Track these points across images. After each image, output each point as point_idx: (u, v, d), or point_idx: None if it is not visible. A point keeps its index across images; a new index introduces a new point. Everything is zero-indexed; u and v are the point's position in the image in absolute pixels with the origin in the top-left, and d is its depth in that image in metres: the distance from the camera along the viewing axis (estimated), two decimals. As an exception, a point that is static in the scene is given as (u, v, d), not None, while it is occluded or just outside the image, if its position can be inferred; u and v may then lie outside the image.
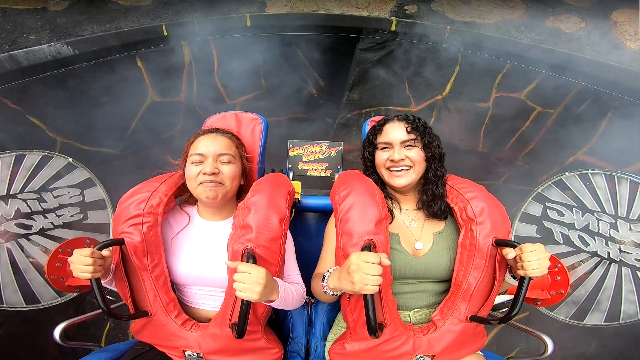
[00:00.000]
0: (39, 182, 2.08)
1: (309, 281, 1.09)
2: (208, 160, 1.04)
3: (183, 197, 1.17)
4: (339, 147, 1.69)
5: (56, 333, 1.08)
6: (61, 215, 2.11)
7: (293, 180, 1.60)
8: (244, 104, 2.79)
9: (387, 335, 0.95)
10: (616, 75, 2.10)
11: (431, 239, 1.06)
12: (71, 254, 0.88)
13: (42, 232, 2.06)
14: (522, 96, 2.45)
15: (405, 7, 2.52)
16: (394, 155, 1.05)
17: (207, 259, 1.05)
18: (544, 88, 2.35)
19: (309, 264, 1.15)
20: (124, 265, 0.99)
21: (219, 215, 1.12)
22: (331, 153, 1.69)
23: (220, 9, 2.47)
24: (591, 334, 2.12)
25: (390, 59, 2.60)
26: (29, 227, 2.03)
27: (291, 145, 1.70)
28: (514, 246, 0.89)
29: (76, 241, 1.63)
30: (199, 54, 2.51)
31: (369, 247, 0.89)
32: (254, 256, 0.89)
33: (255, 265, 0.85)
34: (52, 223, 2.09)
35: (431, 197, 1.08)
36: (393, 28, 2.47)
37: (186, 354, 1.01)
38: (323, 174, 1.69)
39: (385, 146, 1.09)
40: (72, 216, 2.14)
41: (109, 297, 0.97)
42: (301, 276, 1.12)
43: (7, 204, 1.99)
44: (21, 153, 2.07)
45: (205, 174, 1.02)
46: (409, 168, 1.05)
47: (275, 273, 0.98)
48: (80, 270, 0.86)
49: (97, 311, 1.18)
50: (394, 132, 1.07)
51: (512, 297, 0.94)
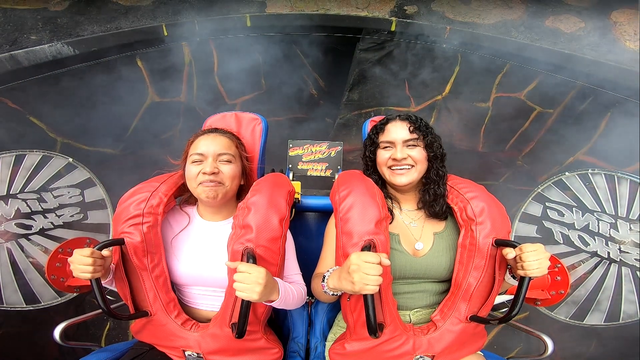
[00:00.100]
0: (39, 182, 2.08)
1: (309, 281, 1.09)
2: (208, 160, 1.04)
3: (183, 197, 1.17)
4: (339, 147, 1.69)
5: (56, 333, 1.08)
6: (61, 215, 2.11)
7: (293, 180, 1.60)
8: (244, 104, 2.78)
9: (387, 335, 0.95)
10: (616, 75, 2.10)
11: (431, 239, 1.06)
12: (71, 254, 0.88)
13: (42, 232, 2.06)
14: (522, 96, 2.45)
15: (405, 7, 2.52)
16: (397, 154, 1.05)
17: (207, 259, 1.05)
18: (543, 88, 2.35)
19: (309, 264, 1.15)
20: (124, 265, 0.99)
21: (219, 215, 1.12)
22: (331, 153, 1.69)
23: (220, 9, 2.47)
24: (591, 334, 2.12)
25: (390, 59, 2.60)
26: (29, 227, 2.03)
27: (291, 145, 1.70)
28: (514, 246, 0.89)
29: (76, 241, 1.63)
30: (199, 54, 2.51)
31: (369, 247, 0.89)
32: (254, 256, 0.89)
33: (255, 265, 0.85)
34: (52, 223, 2.09)
35: (433, 196, 1.08)
36: (393, 28, 2.47)
37: (186, 354, 1.01)
38: (323, 174, 1.69)
39: (387, 145, 1.09)
40: (72, 216, 2.14)
41: (109, 297, 0.97)
42: (301, 276, 1.12)
43: (7, 204, 1.99)
44: (21, 153, 2.07)
45: (205, 174, 1.02)
46: (410, 167, 1.05)
47: (275, 273, 0.98)
48: (80, 270, 0.86)
49: (97, 311, 1.18)
50: (396, 131, 1.07)
51: (512, 297, 0.94)
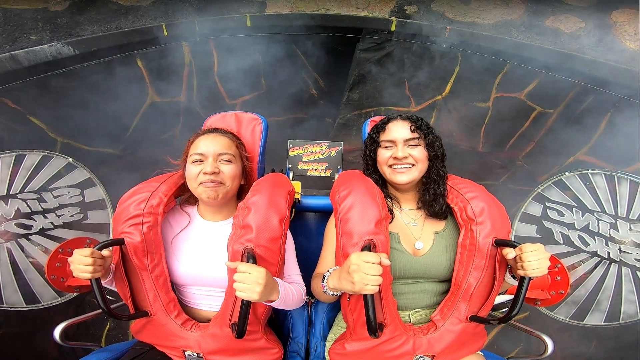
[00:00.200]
0: (39, 182, 2.08)
1: (309, 281, 1.09)
2: (208, 160, 1.04)
3: (183, 197, 1.17)
4: (339, 147, 1.69)
5: (56, 333, 1.08)
6: (61, 215, 2.11)
7: (293, 180, 1.60)
8: (244, 104, 2.78)
9: (387, 335, 0.95)
10: (616, 75, 2.10)
11: (431, 238, 1.06)
12: (71, 254, 0.88)
13: (42, 232, 2.06)
14: (522, 96, 2.45)
15: (405, 7, 2.52)
16: (398, 152, 1.05)
17: (207, 259, 1.05)
18: (544, 88, 2.35)
19: (309, 264, 1.15)
20: (124, 265, 0.99)
21: (220, 215, 1.12)
22: (331, 153, 1.69)
23: (220, 9, 2.47)
24: (591, 334, 2.12)
25: (390, 59, 2.60)
26: (29, 227, 2.03)
27: (291, 145, 1.70)
28: (514, 246, 0.89)
29: (76, 241, 1.63)
30: (199, 54, 2.51)
31: (369, 247, 0.89)
32: (254, 256, 0.89)
33: (255, 265, 0.85)
34: (52, 223, 2.09)
35: (433, 196, 1.08)
36: (393, 28, 2.47)
37: (186, 354, 1.01)
38: (323, 174, 1.69)
39: (388, 144, 1.09)
40: (72, 216, 2.14)
41: (109, 297, 0.97)
42: (301, 276, 1.12)
43: (7, 204, 1.99)
44: (21, 153, 2.07)
45: (205, 174, 1.02)
46: (411, 166, 1.06)
47: (275, 273, 0.98)
48: (80, 270, 0.86)
49: (97, 311, 1.18)
50: (397, 130, 1.07)
51: (512, 297, 0.94)
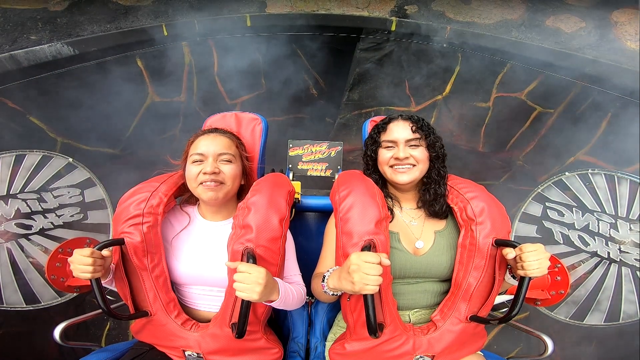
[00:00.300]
0: (39, 182, 2.08)
1: (309, 281, 1.09)
2: (208, 160, 1.04)
3: (183, 197, 1.17)
4: (339, 147, 1.69)
5: (56, 333, 1.08)
6: (61, 215, 2.11)
7: (293, 180, 1.59)
8: (244, 104, 2.78)
9: (387, 335, 0.95)
10: (617, 75, 2.10)
11: (432, 237, 1.06)
12: (71, 254, 0.88)
13: (42, 232, 2.06)
14: (523, 96, 2.44)
15: (405, 7, 2.51)
16: (399, 153, 1.05)
17: (207, 258, 1.05)
18: (544, 88, 2.34)
19: (309, 264, 1.15)
20: (124, 265, 0.99)
21: (220, 215, 1.12)
22: (331, 153, 1.69)
23: (220, 9, 2.47)
24: (591, 334, 2.12)
25: (390, 59, 2.60)
26: (29, 227, 2.03)
27: (291, 145, 1.69)
28: (514, 246, 0.89)
29: (76, 241, 1.63)
30: (199, 54, 2.51)
31: (369, 247, 0.89)
32: (254, 256, 0.89)
33: (255, 265, 0.85)
34: (52, 223, 2.09)
35: (433, 196, 1.08)
36: (393, 28, 2.46)
37: (186, 354, 1.01)
38: (323, 174, 1.69)
39: (389, 144, 1.09)
40: (72, 216, 2.14)
41: (109, 297, 0.97)
42: (301, 276, 1.12)
43: (7, 204, 1.99)
44: (21, 153, 2.07)
45: (205, 174, 1.02)
46: (412, 166, 1.06)
47: (275, 273, 0.98)
48: (80, 270, 0.86)
49: (97, 311, 1.18)
50: (398, 130, 1.07)
51: (512, 297, 0.94)
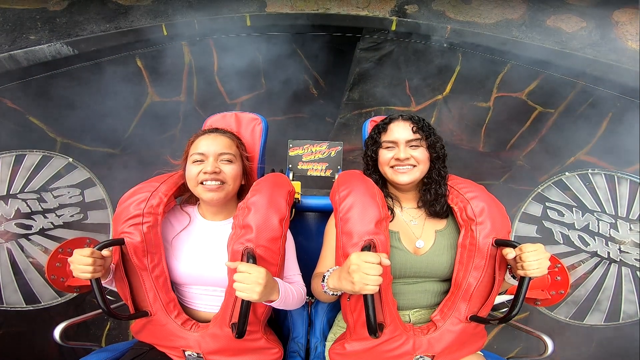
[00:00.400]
0: (39, 182, 2.08)
1: (309, 281, 1.09)
2: (209, 160, 1.04)
3: (183, 197, 1.17)
4: (339, 147, 1.69)
5: (56, 333, 1.08)
6: (61, 215, 2.11)
7: (293, 180, 1.59)
8: (244, 104, 2.78)
9: (387, 335, 0.95)
10: (617, 75, 2.10)
11: (433, 236, 1.06)
12: (71, 254, 0.88)
13: (42, 232, 2.06)
14: (523, 96, 2.44)
15: (406, 6, 2.51)
16: (400, 154, 1.05)
17: (207, 258, 1.05)
18: (544, 88, 2.34)
19: (309, 264, 1.14)
20: (124, 265, 0.99)
21: (220, 215, 1.12)
22: (331, 153, 1.68)
23: (220, 8, 2.46)
24: (591, 334, 2.12)
25: (390, 59, 2.59)
26: (29, 227, 2.03)
27: (291, 145, 1.69)
28: (514, 246, 0.89)
29: (76, 241, 1.63)
30: (199, 53, 2.51)
31: (369, 247, 0.89)
32: (254, 256, 0.89)
33: (255, 265, 0.85)
34: (52, 223, 2.09)
35: (434, 196, 1.08)
36: (393, 28, 2.46)
37: (186, 354, 1.01)
38: (323, 174, 1.69)
39: (390, 145, 1.08)
40: (72, 216, 2.14)
41: (109, 297, 0.97)
42: (301, 276, 1.12)
43: (7, 204, 1.99)
44: (21, 153, 2.07)
45: (206, 173, 1.02)
46: (413, 167, 1.06)
47: (275, 273, 0.97)
48: (80, 270, 0.86)
49: (97, 311, 1.18)
50: (399, 131, 1.07)
51: (512, 297, 0.94)
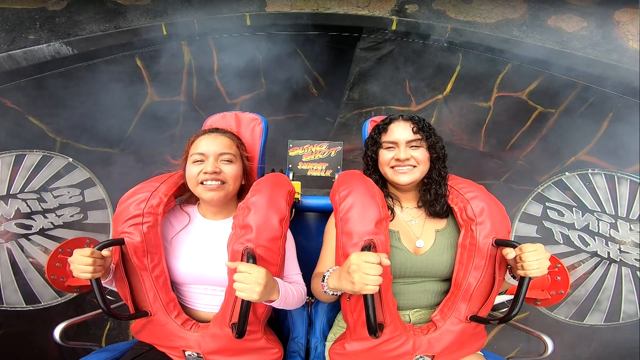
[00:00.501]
0: (39, 182, 2.08)
1: (309, 281, 1.09)
2: (209, 160, 1.04)
3: (183, 197, 1.17)
4: (339, 147, 1.68)
5: (56, 333, 1.08)
6: (61, 215, 2.11)
7: (293, 180, 1.59)
8: (244, 103, 2.78)
9: (387, 335, 0.95)
10: (618, 75, 2.10)
11: (433, 236, 1.06)
12: (71, 254, 0.88)
13: (42, 232, 2.06)
14: (524, 96, 2.44)
15: (406, 6, 2.51)
16: (400, 154, 1.05)
17: (208, 257, 1.05)
18: (545, 88, 2.34)
19: (309, 264, 1.14)
20: (124, 265, 0.99)
21: (220, 215, 1.12)
22: (331, 153, 1.68)
23: (220, 8, 2.46)
24: (591, 334, 2.12)
25: (390, 59, 2.59)
26: (29, 227, 2.03)
27: (291, 145, 1.69)
28: (514, 246, 0.89)
29: (76, 241, 1.62)
30: (199, 53, 2.51)
31: (369, 247, 0.89)
32: (254, 256, 0.89)
33: (255, 265, 0.85)
34: (52, 223, 2.09)
35: (434, 196, 1.08)
36: (394, 27, 2.46)
37: (186, 354, 1.01)
38: (323, 174, 1.69)
39: (390, 145, 1.08)
40: (72, 216, 2.14)
41: (109, 297, 0.97)
42: (301, 276, 1.12)
43: (7, 204, 2.00)
44: (21, 153, 2.07)
45: (206, 173, 1.02)
46: (413, 167, 1.05)
47: (275, 273, 0.97)
48: (80, 270, 0.86)
49: (97, 311, 1.18)
50: (399, 131, 1.07)
51: (512, 297, 0.94)
